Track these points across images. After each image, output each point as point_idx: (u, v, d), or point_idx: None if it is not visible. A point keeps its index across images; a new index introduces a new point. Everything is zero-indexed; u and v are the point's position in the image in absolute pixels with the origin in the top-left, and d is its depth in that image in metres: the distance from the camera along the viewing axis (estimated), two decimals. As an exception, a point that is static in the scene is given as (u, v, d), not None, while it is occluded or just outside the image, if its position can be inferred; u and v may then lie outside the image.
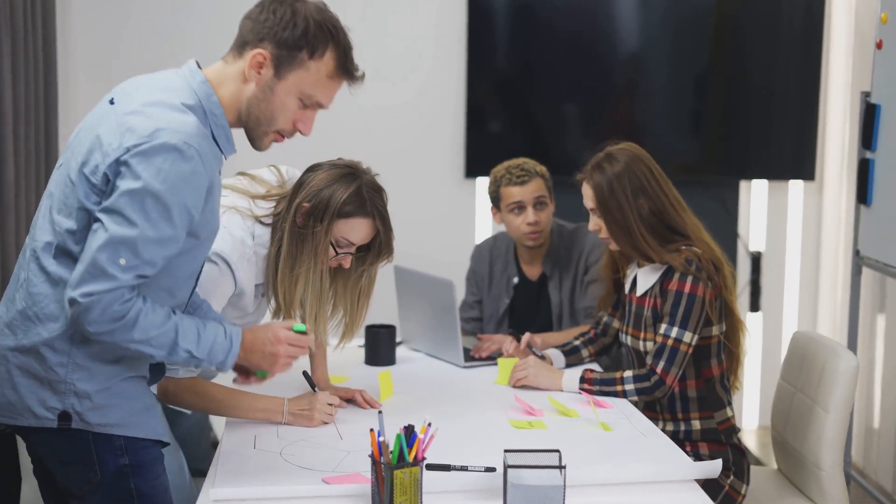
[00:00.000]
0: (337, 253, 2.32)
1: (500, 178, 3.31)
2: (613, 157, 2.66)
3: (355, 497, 1.92)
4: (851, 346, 3.79)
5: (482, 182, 4.60)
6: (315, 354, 2.60)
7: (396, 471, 1.80)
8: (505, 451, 1.89)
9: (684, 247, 2.63)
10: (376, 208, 2.30)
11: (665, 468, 2.10)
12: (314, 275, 2.29)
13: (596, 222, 2.70)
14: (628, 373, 2.62)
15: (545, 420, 2.42)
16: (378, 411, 1.91)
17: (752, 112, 4.65)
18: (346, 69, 1.96)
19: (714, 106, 4.67)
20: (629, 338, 2.74)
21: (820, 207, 4.75)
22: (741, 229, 4.77)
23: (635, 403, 2.61)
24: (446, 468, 2.01)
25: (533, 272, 3.42)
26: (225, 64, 1.95)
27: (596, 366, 2.95)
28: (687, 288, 2.58)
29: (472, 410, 2.51)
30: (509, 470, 1.84)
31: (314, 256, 2.28)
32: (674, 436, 2.65)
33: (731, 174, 4.72)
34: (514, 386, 2.71)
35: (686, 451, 2.42)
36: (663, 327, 2.60)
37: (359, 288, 2.41)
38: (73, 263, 1.82)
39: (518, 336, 3.01)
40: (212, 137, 1.88)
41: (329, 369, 2.68)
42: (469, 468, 2.01)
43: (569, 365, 2.92)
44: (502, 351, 2.97)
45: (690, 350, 2.59)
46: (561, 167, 3.41)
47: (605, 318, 2.94)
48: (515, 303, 3.43)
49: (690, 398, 2.67)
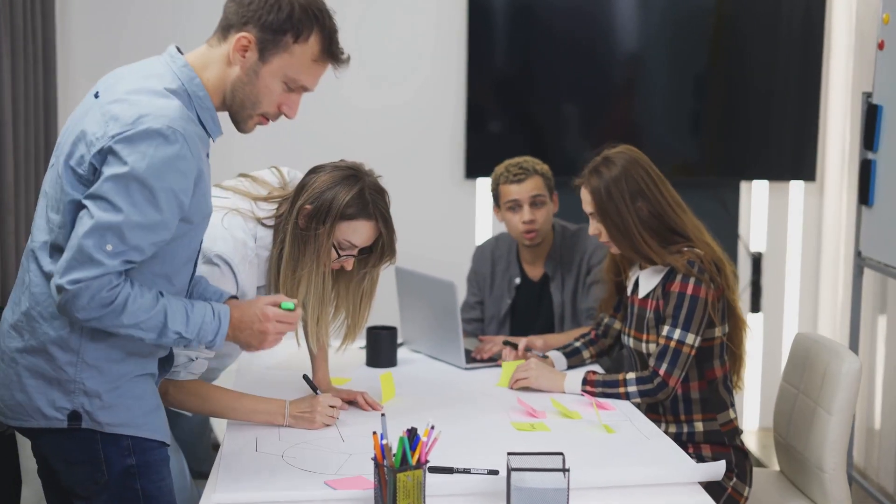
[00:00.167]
0: (339, 255, 2.31)
1: (500, 176, 3.31)
2: (611, 161, 2.65)
3: (358, 500, 1.92)
4: (853, 347, 3.78)
5: (482, 183, 4.60)
6: (316, 356, 2.60)
7: (399, 474, 1.79)
8: (508, 454, 1.88)
9: (686, 248, 2.62)
10: (379, 210, 2.29)
11: (668, 471, 2.09)
12: (316, 277, 2.28)
13: (596, 226, 2.69)
14: (631, 375, 2.61)
15: (547, 422, 2.42)
16: (381, 414, 1.90)
17: (753, 112, 4.64)
18: (332, 52, 1.95)
19: (714, 106, 4.67)
20: (631, 340, 2.74)
21: (820, 208, 4.74)
22: (742, 230, 4.77)
23: (638, 405, 2.60)
24: (449, 471, 2.00)
25: (535, 272, 3.42)
26: (209, 47, 1.94)
27: (598, 367, 2.95)
28: (689, 290, 2.57)
29: (475, 412, 2.50)
30: (513, 473, 1.83)
31: (316, 259, 2.27)
32: (676, 438, 2.64)
33: (732, 175, 4.71)
34: (515, 388, 2.70)
35: (689, 454, 2.41)
36: (665, 329, 2.59)
37: (361, 290, 2.40)
38: None
39: (514, 345, 3.00)
40: (198, 121, 1.88)
41: (330, 371, 2.67)
42: (472, 471, 2.00)
43: (570, 366, 2.91)
44: (503, 354, 2.97)
45: (693, 352, 2.58)
46: (561, 167, 3.40)
47: (606, 320, 2.93)
48: (517, 303, 3.42)
49: (693, 400, 2.66)
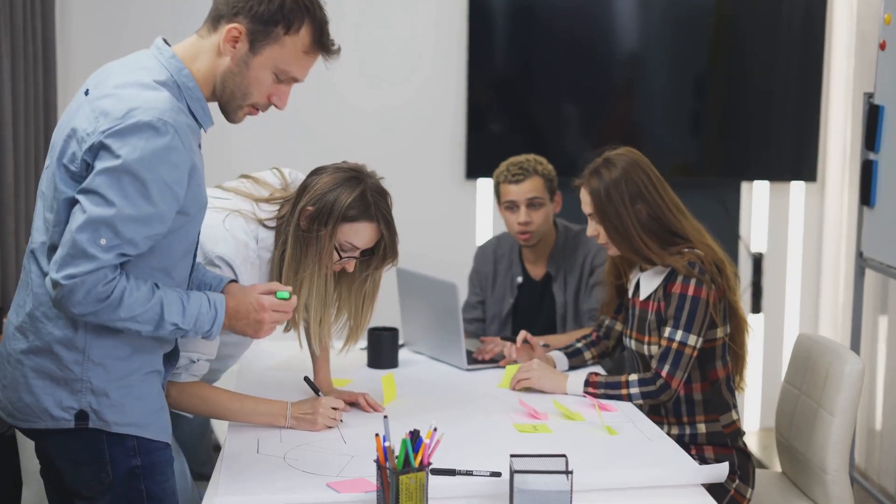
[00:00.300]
0: (341, 257, 2.30)
1: (500, 175, 3.31)
2: (611, 163, 2.64)
3: (360, 503, 1.91)
4: (854, 348, 3.78)
5: (483, 183, 4.59)
6: (318, 358, 2.59)
7: (402, 476, 1.78)
8: (511, 456, 1.88)
9: (686, 249, 2.61)
10: (381, 212, 2.29)
11: (672, 473, 2.08)
12: (318, 279, 2.27)
13: (594, 227, 2.68)
14: (633, 376, 2.60)
15: (549, 424, 2.41)
16: (383, 416, 1.90)
17: (753, 113, 4.63)
18: (322, 44, 1.95)
19: (714, 106, 4.66)
20: (633, 342, 2.73)
21: (821, 209, 4.73)
22: (742, 230, 4.76)
23: (640, 407, 2.60)
24: (451, 473, 2.00)
25: (537, 272, 3.41)
26: (199, 38, 1.93)
27: (599, 368, 2.94)
28: (690, 291, 2.57)
29: (476, 414, 2.50)
30: (515, 475, 1.83)
31: (318, 260, 2.26)
32: (679, 439, 2.63)
33: (732, 175, 4.71)
34: (517, 388, 2.69)
35: (691, 455, 2.40)
36: (667, 331, 2.58)
37: (363, 292, 2.39)
38: None
39: (513, 339, 2.99)
40: (188, 111, 1.87)
41: (331, 372, 2.66)
42: (474, 473, 2.00)
43: (571, 367, 2.91)
44: (504, 354, 2.96)
45: (695, 353, 2.58)
46: (561, 167, 3.39)
47: (608, 321, 2.93)
48: (519, 302, 3.42)
49: (696, 401, 2.66)
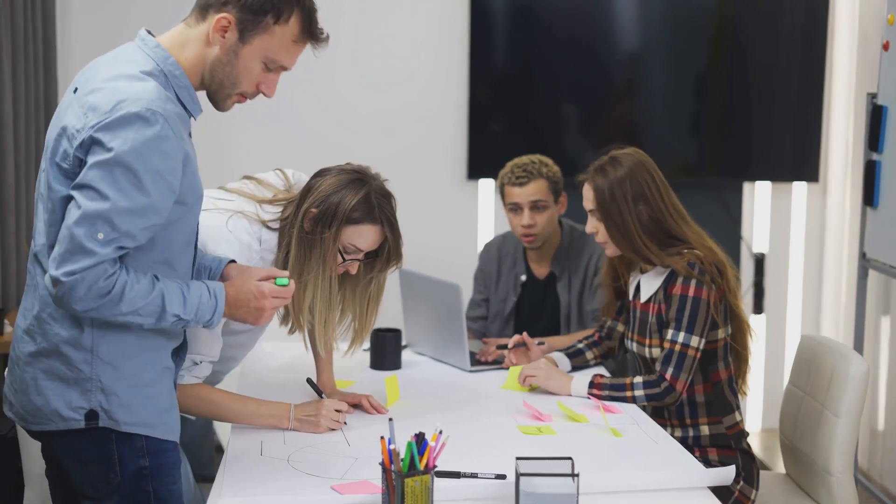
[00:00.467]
0: (344, 259, 2.29)
1: (504, 177, 3.30)
2: (618, 162, 2.64)
3: (365, 505, 1.91)
4: (857, 349, 3.77)
5: (484, 184, 4.59)
6: (322, 360, 2.58)
7: (407, 479, 1.77)
8: (517, 459, 1.87)
9: (686, 250, 2.60)
10: (385, 215, 2.27)
11: (679, 475, 2.08)
12: (323, 281, 2.26)
13: (594, 225, 2.68)
14: (638, 379, 2.59)
15: (554, 425, 2.40)
16: (388, 419, 1.89)
17: (754, 113, 4.63)
18: (311, 32, 1.94)
19: (716, 107, 4.65)
20: (634, 344, 2.72)
21: (823, 209, 4.73)
22: (744, 231, 4.75)
23: (643, 408, 2.59)
24: (456, 475, 1.99)
25: (541, 271, 3.40)
26: (186, 26, 1.93)
27: (603, 370, 2.93)
28: (691, 291, 2.56)
29: (480, 415, 2.49)
30: (521, 478, 1.82)
31: (322, 263, 2.25)
32: (682, 442, 2.62)
33: (734, 176, 4.70)
34: (525, 385, 2.69)
35: (695, 457, 2.39)
36: (670, 333, 2.57)
37: (368, 294, 2.38)
38: None
39: (506, 346, 2.98)
40: (177, 100, 1.87)
41: (335, 374, 2.65)
42: (479, 475, 1.99)
43: (574, 367, 2.90)
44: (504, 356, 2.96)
45: (698, 354, 2.56)
46: (563, 168, 3.38)
47: (609, 322, 2.92)
48: (522, 301, 3.41)
49: (698, 403, 2.65)
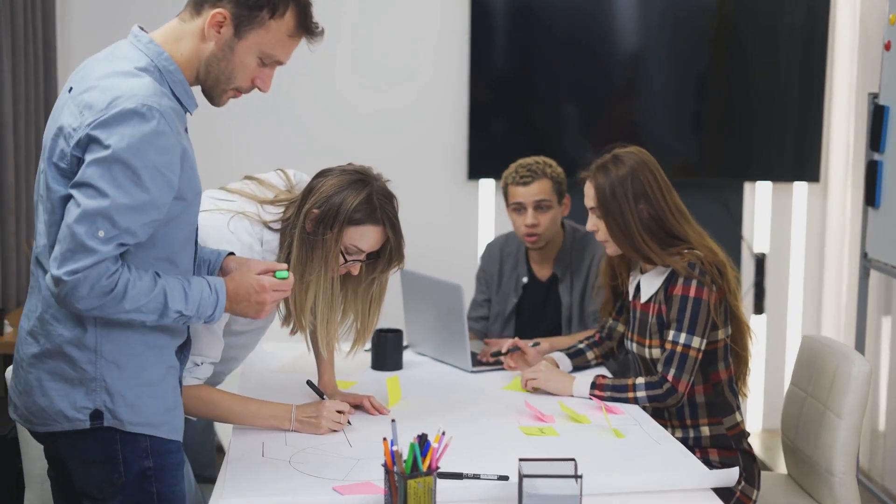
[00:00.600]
0: (346, 260, 2.28)
1: (508, 176, 3.29)
2: (620, 160, 2.64)
3: (367, 507, 1.90)
4: (859, 349, 3.77)
5: (485, 184, 4.59)
6: (323, 360, 2.57)
7: (410, 480, 1.77)
8: (520, 460, 1.86)
9: (686, 250, 2.60)
10: (387, 216, 2.27)
11: (682, 477, 2.07)
12: (325, 282, 2.26)
13: (595, 222, 2.67)
14: (640, 380, 2.59)
15: (556, 426, 2.40)
16: (391, 420, 1.88)
17: (755, 113, 4.62)
18: (307, 27, 1.94)
19: (716, 107, 4.65)
20: (634, 345, 2.71)
21: (824, 209, 4.72)
22: (745, 231, 4.75)
23: (644, 409, 2.58)
24: (458, 476, 1.99)
25: (543, 273, 3.40)
26: (181, 22, 1.93)
27: (604, 370, 2.93)
28: (692, 292, 2.55)
29: (482, 416, 2.48)
30: (525, 479, 1.81)
31: (324, 264, 2.24)
32: (683, 442, 2.60)
33: (734, 176, 4.70)
34: (526, 388, 2.68)
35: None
36: (671, 334, 2.57)
37: (370, 295, 2.37)
38: None
39: (500, 352, 2.98)
40: (172, 94, 1.86)
41: (336, 374, 2.64)
42: (482, 476, 1.99)
43: (575, 368, 2.89)
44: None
45: (700, 355, 2.56)
46: (564, 169, 3.38)
47: (610, 322, 2.91)
48: (523, 303, 3.40)
49: (699, 404, 2.64)
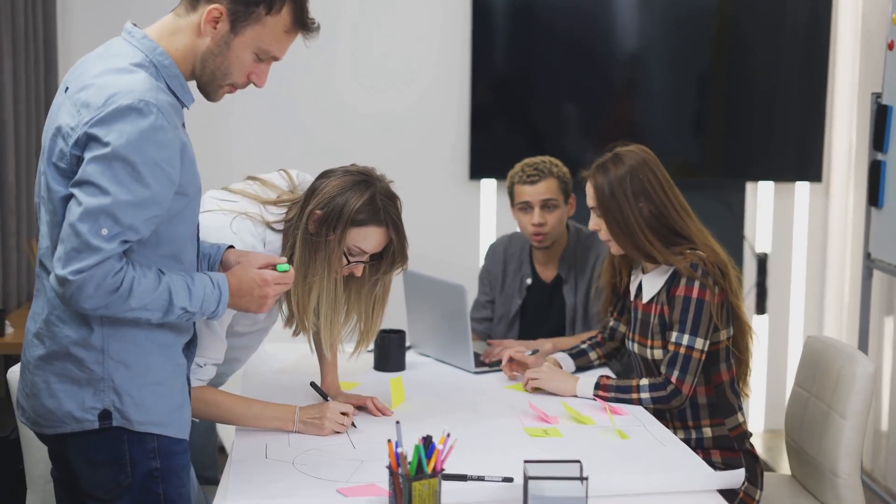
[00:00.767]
0: (349, 261, 2.28)
1: (514, 176, 3.28)
2: (620, 159, 2.63)
3: (372, 509, 1.89)
4: (861, 350, 3.76)
5: (487, 184, 4.58)
6: (326, 361, 2.57)
7: (415, 483, 1.76)
8: (525, 462, 1.85)
9: (689, 250, 2.59)
10: (390, 217, 2.26)
11: (688, 478, 2.07)
12: (328, 283, 2.25)
13: (596, 222, 2.66)
14: (644, 381, 2.58)
15: (560, 427, 2.39)
16: (395, 421, 1.88)
17: (757, 113, 4.62)
18: (303, 23, 1.94)
19: (717, 107, 4.64)
20: (636, 345, 2.70)
21: (826, 209, 4.72)
22: (747, 231, 4.74)
23: (646, 410, 2.57)
24: (463, 478, 1.98)
25: (547, 274, 3.39)
26: (176, 17, 1.92)
27: (608, 371, 2.92)
28: (694, 293, 2.54)
29: (486, 418, 2.47)
30: (530, 482, 1.80)
31: (327, 265, 2.24)
32: (685, 444, 2.60)
33: (736, 176, 4.69)
34: (527, 388, 2.68)
35: (699, 459, 2.39)
36: (674, 335, 2.56)
37: (374, 296, 2.36)
38: None
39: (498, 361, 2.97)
40: (168, 89, 1.86)
41: (339, 375, 2.63)
42: (486, 478, 1.98)
43: (578, 368, 2.88)
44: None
45: (703, 357, 2.55)
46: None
47: (612, 323, 2.91)
48: (527, 304, 3.39)
49: (701, 405, 2.63)
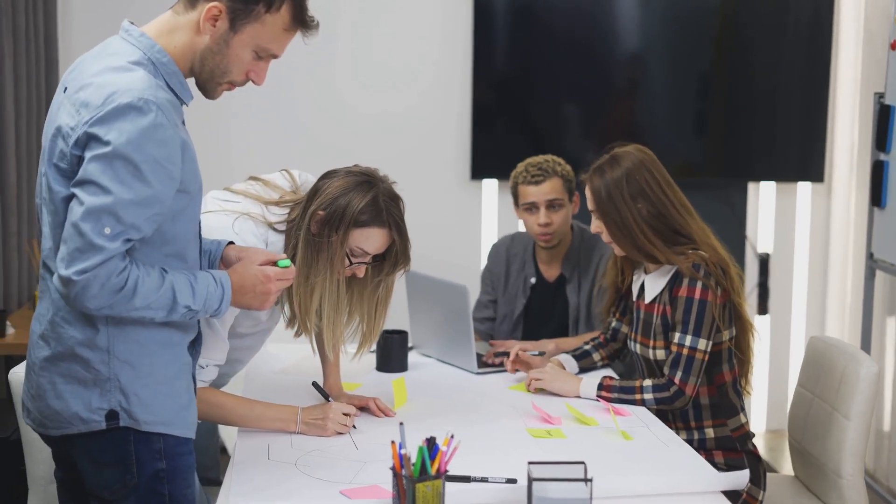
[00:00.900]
0: (352, 262, 2.27)
1: (518, 175, 3.27)
2: (616, 161, 2.61)
3: (375, 510, 1.89)
4: (864, 350, 3.75)
5: (488, 184, 4.58)
6: (328, 363, 2.56)
7: (418, 484, 1.76)
8: (529, 464, 1.84)
9: (690, 250, 2.58)
10: (393, 218, 2.25)
11: (692, 479, 2.06)
12: (330, 284, 2.24)
13: (597, 224, 2.66)
14: (648, 382, 2.57)
15: (563, 428, 2.38)
16: (399, 423, 1.87)
17: (759, 113, 4.61)
18: (302, 21, 1.93)
19: (719, 107, 4.64)
20: (638, 346, 2.70)
21: (828, 209, 4.71)
22: (749, 231, 4.74)
23: (648, 411, 2.57)
24: (466, 479, 1.97)
25: (551, 273, 3.38)
26: (175, 14, 1.91)
27: (611, 372, 2.91)
28: (697, 294, 2.53)
29: (489, 418, 2.47)
30: (534, 483, 1.80)
31: (330, 266, 2.23)
32: (688, 445, 2.60)
33: (737, 176, 4.69)
34: (531, 389, 2.67)
35: (702, 460, 2.38)
36: (677, 336, 2.55)
37: (376, 297, 2.36)
38: None
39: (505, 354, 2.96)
40: (167, 87, 1.85)
41: (341, 376, 2.63)
42: (490, 479, 1.97)
43: (581, 369, 2.88)
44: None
45: (706, 357, 2.54)
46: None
47: (614, 324, 2.90)
48: (531, 304, 3.39)
49: (703, 406, 2.62)
